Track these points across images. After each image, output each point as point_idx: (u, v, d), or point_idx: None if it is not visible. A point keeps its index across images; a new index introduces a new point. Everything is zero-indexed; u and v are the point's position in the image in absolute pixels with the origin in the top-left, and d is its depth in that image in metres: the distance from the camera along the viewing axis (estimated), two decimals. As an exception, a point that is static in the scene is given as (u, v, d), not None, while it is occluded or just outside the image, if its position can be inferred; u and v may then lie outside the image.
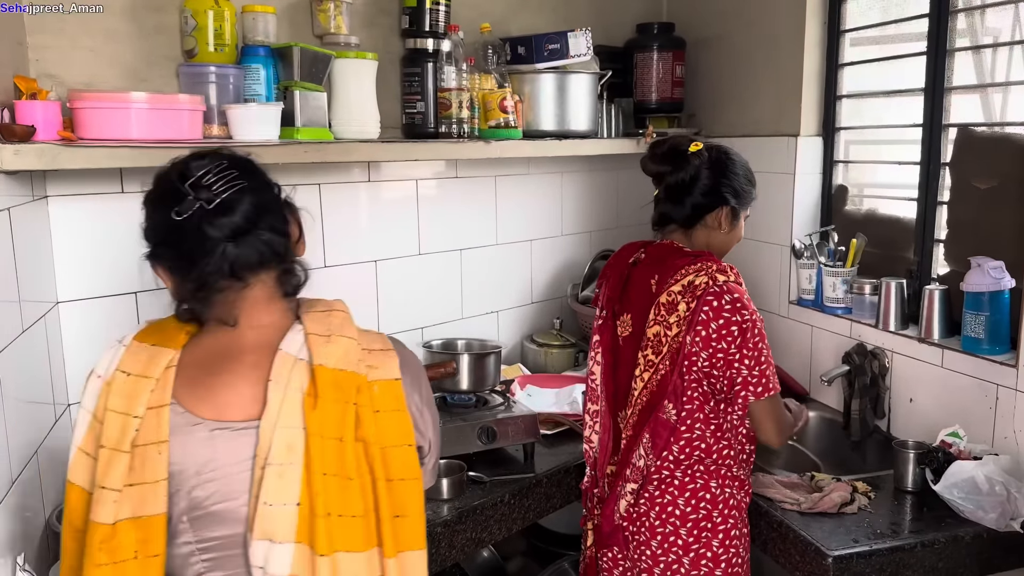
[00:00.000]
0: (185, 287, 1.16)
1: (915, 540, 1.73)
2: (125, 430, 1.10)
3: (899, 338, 2.25)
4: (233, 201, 1.14)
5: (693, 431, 1.71)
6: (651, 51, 2.92)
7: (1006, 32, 2.22)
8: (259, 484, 1.10)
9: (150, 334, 1.19)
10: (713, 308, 1.65)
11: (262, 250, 1.16)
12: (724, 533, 1.74)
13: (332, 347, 1.15)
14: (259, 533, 1.10)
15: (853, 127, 2.62)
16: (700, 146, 1.78)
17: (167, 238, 1.15)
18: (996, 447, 1.96)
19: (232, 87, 2.00)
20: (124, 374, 1.13)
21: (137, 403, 1.11)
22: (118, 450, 1.09)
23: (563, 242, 3.02)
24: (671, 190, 1.79)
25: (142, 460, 1.09)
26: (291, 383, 1.12)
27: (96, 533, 1.08)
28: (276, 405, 1.11)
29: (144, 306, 2.03)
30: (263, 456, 1.10)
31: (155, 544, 1.10)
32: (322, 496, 1.11)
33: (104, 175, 1.93)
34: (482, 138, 2.41)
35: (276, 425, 1.11)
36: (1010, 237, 1.99)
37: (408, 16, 2.36)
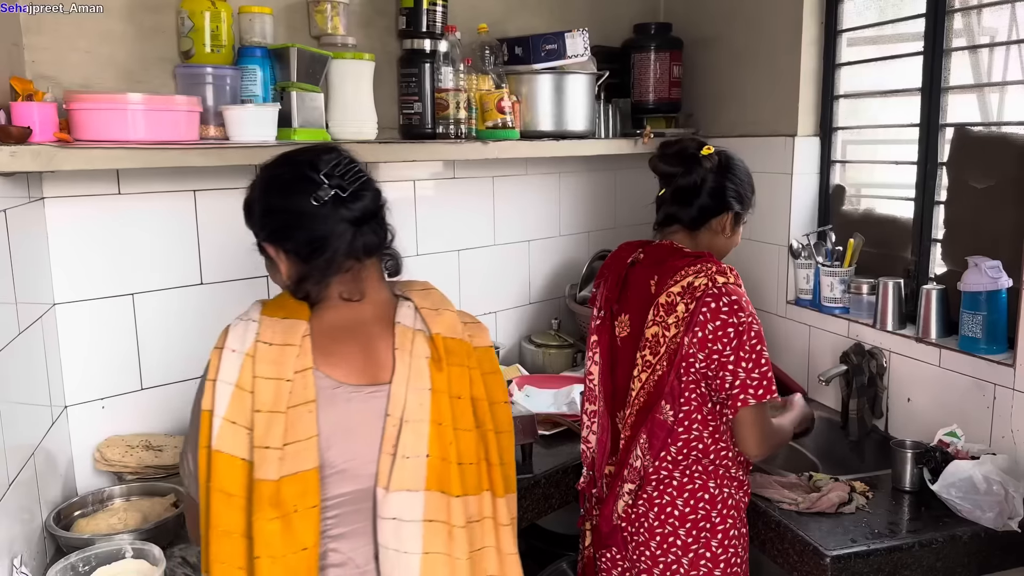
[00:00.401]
0: (309, 267, 1.26)
1: (913, 540, 1.73)
2: (279, 393, 1.19)
3: (897, 338, 2.25)
4: (361, 189, 1.28)
5: (691, 432, 1.71)
6: (648, 51, 2.93)
7: (1003, 32, 2.22)
8: (395, 440, 1.23)
9: (275, 309, 1.27)
10: (711, 309, 1.65)
11: (382, 235, 1.31)
12: (723, 533, 1.74)
13: (442, 318, 1.31)
14: (396, 484, 1.22)
15: (850, 127, 2.62)
16: (712, 150, 1.78)
17: (299, 222, 1.25)
18: (994, 446, 1.97)
19: (229, 88, 2.00)
20: (267, 344, 1.21)
21: (286, 368, 1.20)
22: (276, 412, 1.18)
23: (561, 242, 3.02)
24: (680, 192, 1.79)
25: (295, 420, 1.19)
26: (415, 350, 1.27)
27: (263, 490, 1.16)
28: (404, 369, 1.25)
29: (141, 308, 2.03)
30: (397, 415, 1.24)
31: (312, 496, 1.19)
32: (450, 446, 1.25)
33: (101, 176, 1.93)
34: (479, 139, 2.41)
35: (408, 387, 1.25)
36: (1007, 237, 1.99)
37: (405, 17, 2.35)
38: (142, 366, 2.05)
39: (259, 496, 1.16)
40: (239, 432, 1.19)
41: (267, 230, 1.30)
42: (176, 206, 2.07)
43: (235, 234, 2.15)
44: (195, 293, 2.12)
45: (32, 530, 1.65)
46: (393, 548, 1.22)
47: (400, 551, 1.22)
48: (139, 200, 2.00)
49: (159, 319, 2.07)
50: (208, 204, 2.12)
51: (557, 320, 2.96)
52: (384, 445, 1.24)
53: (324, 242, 1.24)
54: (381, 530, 1.23)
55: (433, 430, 1.24)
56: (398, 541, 1.22)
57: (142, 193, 2.01)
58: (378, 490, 1.23)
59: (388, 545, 1.22)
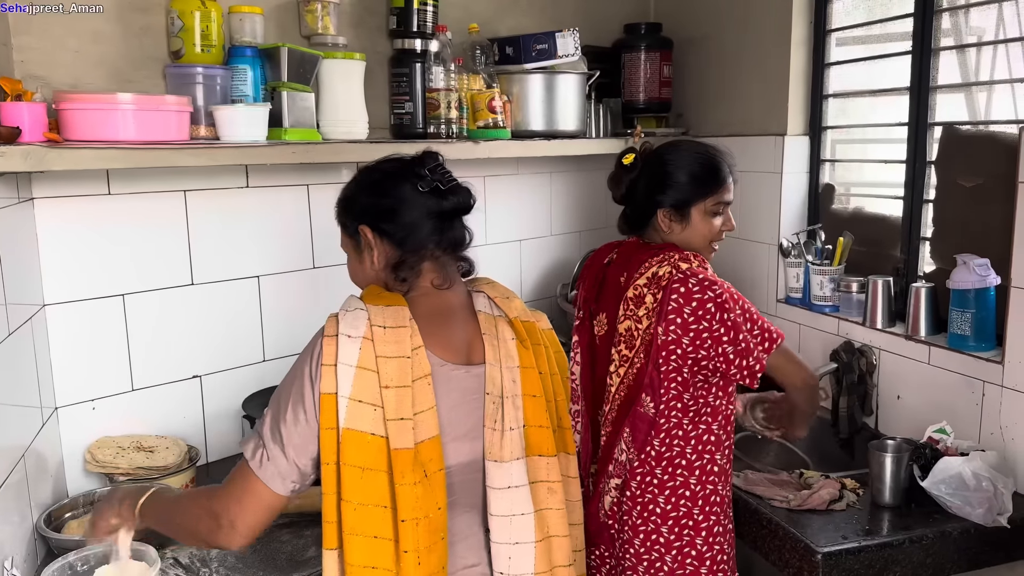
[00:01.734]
0: (404, 252, 1.39)
1: (903, 536, 1.74)
2: (403, 369, 1.29)
3: (886, 335, 2.26)
4: (457, 186, 1.43)
5: (671, 421, 1.70)
6: (639, 51, 2.93)
7: (990, 31, 2.24)
8: (497, 415, 1.36)
9: (375, 299, 1.36)
10: (682, 295, 1.65)
11: (469, 232, 1.46)
12: (707, 531, 1.74)
13: (514, 304, 1.47)
14: (508, 455, 1.35)
15: (839, 126, 2.63)
16: (632, 157, 1.81)
17: (402, 207, 1.38)
18: (983, 443, 1.98)
19: (219, 88, 1.99)
20: (382, 327, 1.30)
21: (406, 346, 1.30)
22: (404, 386, 1.28)
23: (552, 242, 3.03)
24: (620, 204, 1.86)
25: (418, 392, 1.30)
26: (500, 334, 1.40)
27: (404, 458, 1.27)
28: (494, 352, 1.38)
29: (132, 308, 2.02)
30: (496, 392, 1.37)
31: (439, 460, 1.31)
32: (544, 414, 1.41)
33: (91, 176, 1.92)
34: (471, 138, 2.41)
35: (501, 367, 1.38)
36: (995, 235, 2.00)
37: (396, 16, 2.35)
38: (133, 367, 2.05)
39: (401, 464, 1.27)
40: (367, 409, 1.27)
41: (370, 215, 1.40)
42: (166, 206, 2.07)
43: (226, 234, 2.17)
44: (186, 294, 2.12)
45: (23, 532, 1.64)
46: (508, 514, 1.35)
47: (516, 514, 1.35)
48: (129, 200, 2.00)
49: (150, 320, 2.06)
50: (199, 204, 2.11)
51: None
52: (487, 422, 1.36)
53: (421, 227, 1.38)
54: (495, 500, 1.35)
55: (527, 402, 1.39)
56: (512, 506, 1.35)
57: (132, 193, 2.00)
58: (488, 464, 1.36)
59: (502, 512, 1.35)
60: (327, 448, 1.27)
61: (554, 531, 1.41)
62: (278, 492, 1.30)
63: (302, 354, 1.34)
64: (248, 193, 2.21)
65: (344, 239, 1.48)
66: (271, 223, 2.26)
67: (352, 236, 1.45)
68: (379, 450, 1.27)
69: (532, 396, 1.40)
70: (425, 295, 1.40)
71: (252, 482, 1.30)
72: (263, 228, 2.25)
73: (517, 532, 1.36)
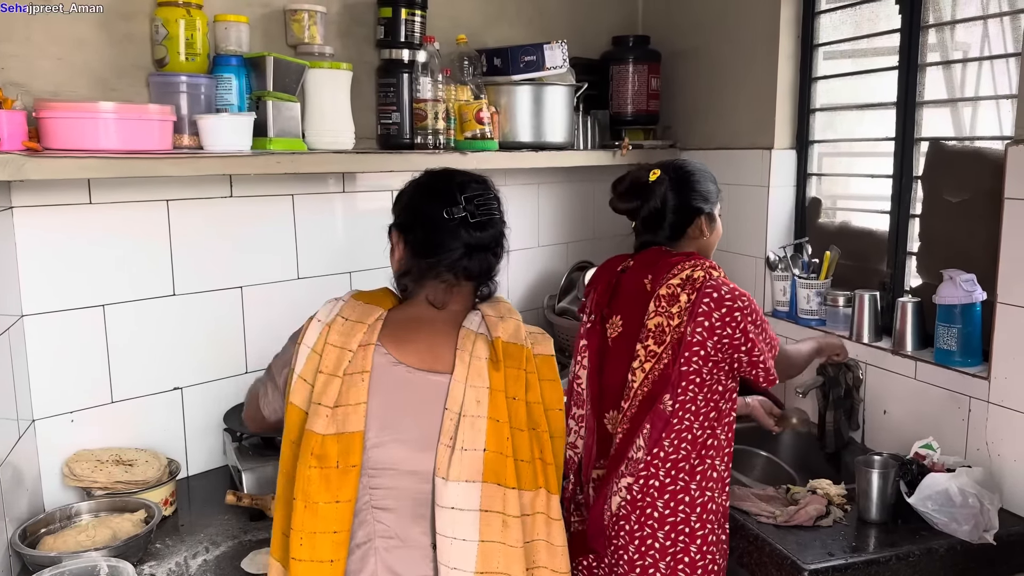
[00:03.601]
0: (415, 262, 1.43)
1: (890, 553, 1.74)
2: (340, 360, 1.34)
3: (873, 350, 2.26)
4: (487, 223, 1.43)
5: (683, 423, 1.73)
6: (627, 63, 2.93)
7: (975, 48, 2.25)
8: (453, 433, 1.34)
9: (364, 297, 1.44)
10: (714, 299, 1.72)
11: (484, 267, 1.45)
12: (702, 539, 1.74)
13: (505, 324, 1.43)
14: (455, 475, 1.32)
15: (826, 140, 2.64)
16: (659, 172, 1.86)
17: (425, 224, 1.42)
18: (969, 459, 1.98)
19: (203, 97, 1.97)
20: (343, 319, 1.39)
21: (352, 340, 1.36)
22: (334, 375, 1.34)
23: (540, 253, 3.01)
24: (647, 221, 1.88)
25: (348, 386, 1.33)
26: (475, 351, 1.38)
27: (310, 441, 1.32)
28: (463, 368, 1.36)
29: (112, 319, 1.99)
30: (455, 409, 1.35)
31: (353, 456, 1.33)
32: (507, 442, 1.36)
33: (71, 185, 1.90)
34: (458, 149, 2.40)
35: (466, 384, 1.36)
36: (981, 250, 2.01)
37: (383, 27, 2.34)
38: (113, 379, 2.01)
39: (305, 445, 1.32)
40: (305, 387, 1.36)
41: (401, 219, 1.47)
42: (149, 216, 2.04)
43: (209, 244, 2.14)
44: (167, 304, 2.09)
45: (-3, 548, 1.61)
46: (451, 536, 1.32)
47: (457, 539, 1.32)
48: (111, 210, 1.97)
49: (130, 331, 2.03)
50: (181, 214, 2.09)
51: (536, 332, 2.94)
52: (442, 437, 1.35)
53: (437, 249, 1.41)
54: (439, 518, 1.33)
55: (490, 426, 1.35)
56: (455, 529, 1.32)
57: (114, 203, 1.97)
58: (437, 480, 1.34)
59: (446, 533, 1.32)
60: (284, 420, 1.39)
61: (502, 568, 1.34)
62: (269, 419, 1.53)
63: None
64: (232, 203, 2.19)
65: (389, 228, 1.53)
66: (255, 233, 2.24)
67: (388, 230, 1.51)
68: (299, 423, 1.36)
69: (495, 420, 1.35)
70: (414, 305, 1.45)
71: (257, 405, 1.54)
72: (247, 238, 2.22)
73: (456, 557, 1.32)
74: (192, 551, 1.78)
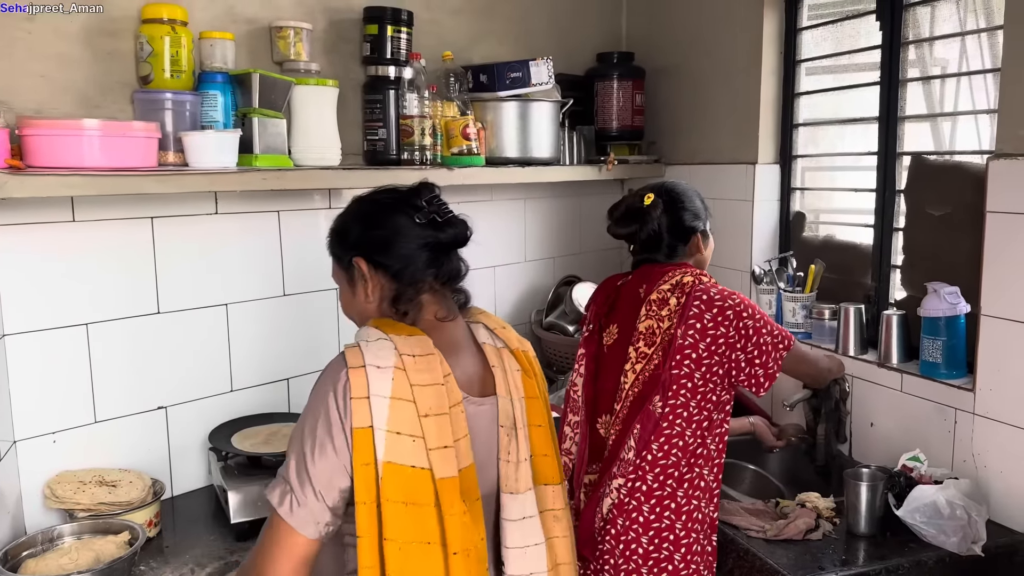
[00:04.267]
0: (401, 284, 1.35)
1: (879, 566, 1.74)
2: (439, 396, 1.26)
3: (858, 363, 2.27)
4: (455, 219, 1.39)
5: (674, 427, 1.75)
6: (611, 80, 2.95)
7: (953, 63, 2.28)
8: (509, 447, 1.36)
9: (393, 328, 1.31)
10: (703, 301, 1.77)
11: (465, 264, 1.43)
12: (686, 547, 1.76)
13: (510, 334, 1.46)
14: (523, 486, 1.36)
15: (810, 155, 2.66)
16: (652, 196, 1.92)
17: (397, 238, 1.35)
18: (956, 471, 1.99)
19: (189, 114, 1.96)
20: (412, 356, 1.26)
21: (438, 373, 1.27)
22: (443, 413, 1.25)
23: (526, 268, 3.01)
24: (646, 244, 1.93)
25: (455, 419, 1.27)
26: (507, 365, 1.40)
27: (449, 488, 1.23)
28: (504, 384, 1.38)
29: (96, 338, 1.97)
30: (509, 424, 1.36)
31: (476, 489, 1.29)
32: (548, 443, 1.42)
33: (55, 204, 1.88)
34: (445, 165, 2.40)
35: (511, 398, 1.38)
36: (964, 263, 2.03)
37: (369, 44, 2.35)
38: (96, 398, 1.99)
39: (448, 494, 1.23)
40: (407, 441, 1.22)
41: (364, 246, 1.37)
42: (133, 234, 2.02)
43: (194, 262, 2.13)
44: (152, 322, 2.07)
45: (-23, 573, 1.57)
46: (523, 545, 1.35)
47: (530, 545, 1.35)
48: (94, 228, 1.95)
49: (114, 349, 2.01)
50: (166, 232, 2.07)
51: (523, 347, 2.94)
52: (501, 453, 1.36)
53: (418, 259, 1.35)
54: (510, 533, 1.35)
55: (533, 432, 1.40)
56: (525, 537, 1.35)
57: (98, 220, 1.95)
58: (504, 496, 1.35)
59: (518, 544, 1.35)
60: (364, 486, 1.20)
61: (561, 559, 1.41)
62: (311, 538, 1.22)
63: (321, 387, 1.26)
64: (217, 220, 2.17)
65: (336, 270, 1.44)
66: (240, 250, 2.23)
67: (345, 268, 1.40)
68: (423, 482, 1.22)
69: (537, 426, 1.41)
70: (433, 328, 1.35)
71: (284, 531, 1.22)
72: (232, 256, 2.21)
73: (531, 563, 1.36)
74: (177, 573, 1.76)
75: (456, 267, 1.40)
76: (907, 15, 2.23)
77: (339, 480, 1.22)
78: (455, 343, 1.37)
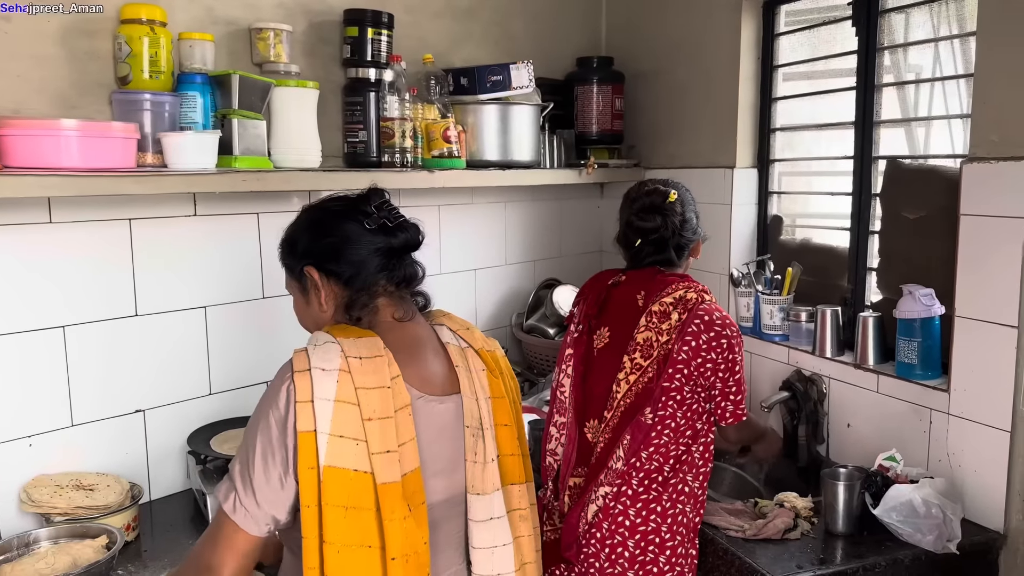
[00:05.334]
0: (354, 291, 1.35)
1: (856, 564, 1.76)
2: (384, 399, 1.24)
3: (835, 364, 2.30)
4: (406, 223, 1.40)
5: (662, 437, 1.77)
6: (591, 84, 2.97)
7: (927, 69, 2.32)
8: (476, 447, 1.35)
9: (343, 332, 1.30)
10: (704, 322, 1.79)
11: (421, 268, 1.43)
12: (671, 550, 1.78)
13: (475, 335, 1.47)
14: (490, 487, 1.36)
15: (787, 159, 2.69)
16: (676, 195, 1.93)
17: (348, 245, 1.34)
18: (931, 470, 2.01)
19: (168, 115, 1.95)
20: (359, 359, 1.25)
21: (385, 376, 1.26)
22: (387, 417, 1.24)
23: (507, 271, 3.02)
24: (658, 243, 1.92)
25: (400, 422, 1.26)
26: (472, 365, 1.40)
27: (391, 493, 1.22)
28: (469, 384, 1.37)
29: (73, 340, 1.95)
30: (475, 424, 1.36)
31: (420, 493, 1.27)
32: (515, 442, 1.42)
33: (31, 204, 1.86)
34: (425, 168, 2.40)
35: (476, 399, 1.37)
36: (939, 265, 2.06)
37: (349, 46, 2.35)
38: (73, 401, 1.97)
39: (390, 500, 1.22)
40: (349, 444, 1.22)
41: (315, 254, 1.36)
42: (111, 235, 2.01)
43: (172, 264, 2.11)
44: (129, 325, 2.05)
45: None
46: (490, 546, 1.36)
47: (498, 546, 1.37)
48: (72, 229, 1.93)
49: (91, 352, 1.99)
50: (144, 233, 2.06)
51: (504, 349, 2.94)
52: (467, 454, 1.36)
53: (369, 265, 1.34)
54: (477, 533, 1.36)
55: (500, 432, 1.40)
56: (494, 537, 1.36)
57: (75, 222, 1.93)
58: (471, 497, 1.36)
59: (485, 544, 1.36)
60: (307, 490, 1.20)
61: (527, 558, 1.43)
62: (253, 534, 1.23)
63: (269, 392, 1.26)
64: (196, 222, 2.16)
65: (289, 281, 1.44)
66: (219, 253, 2.21)
67: (297, 278, 1.40)
68: (364, 487, 1.22)
69: (504, 425, 1.41)
70: (390, 329, 1.35)
71: (229, 527, 1.23)
72: (211, 258, 2.20)
73: (499, 563, 1.37)
74: (156, 577, 1.74)
75: (411, 271, 1.40)
76: (882, 21, 2.26)
77: (281, 492, 1.23)
78: (417, 343, 1.37)
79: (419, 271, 1.43)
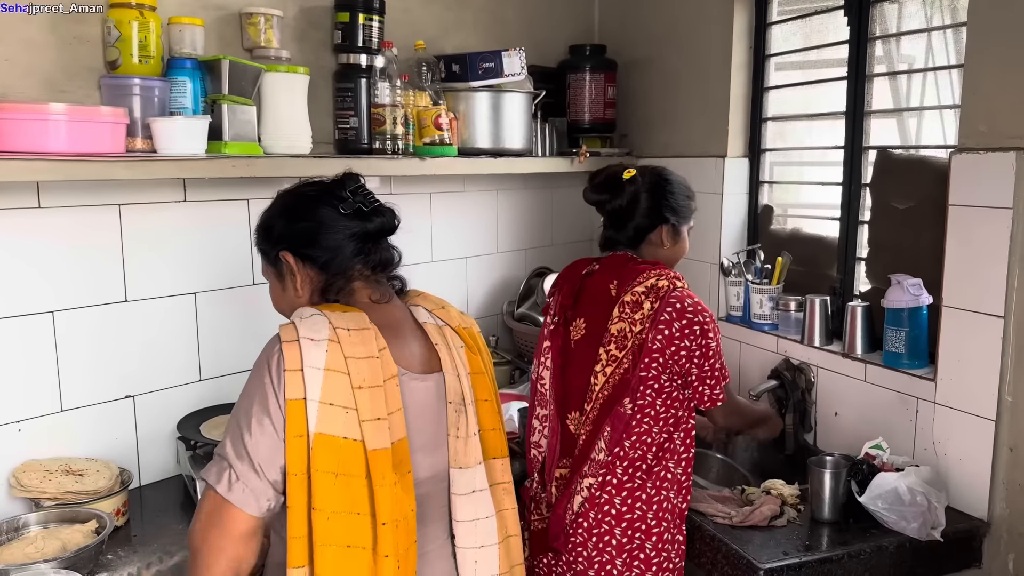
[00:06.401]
0: (330, 275, 1.36)
1: (842, 551, 1.77)
2: (374, 368, 1.26)
3: (824, 353, 2.31)
4: (381, 208, 1.41)
5: (642, 425, 1.78)
6: (583, 72, 2.96)
7: (919, 59, 2.32)
8: (459, 422, 1.37)
9: (328, 308, 1.32)
10: (676, 310, 1.78)
11: (397, 252, 1.44)
12: (658, 536, 1.79)
13: (451, 313, 1.48)
14: (472, 461, 1.39)
15: (778, 148, 2.69)
16: (634, 172, 1.91)
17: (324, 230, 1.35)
18: (917, 458, 2.03)
19: (157, 100, 1.94)
20: (347, 330, 1.27)
21: (373, 347, 1.27)
22: (376, 386, 1.25)
23: (499, 259, 3.02)
24: (612, 216, 1.93)
25: (388, 392, 1.27)
26: (451, 343, 1.42)
27: (381, 459, 1.24)
28: (449, 361, 1.39)
29: (62, 326, 1.94)
30: (457, 400, 1.38)
31: (407, 463, 1.29)
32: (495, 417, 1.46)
33: (19, 189, 1.85)
34: (417, 155, 2.40)
35: (457, 376, 1.39)
36: (927, 255, 2.07)
37: (341, 31, 2.33)
38: (62, 386, 1.97)
39: (380, 466, 1.24)
40: (339, 412, 1.22)
41: (290, 240, 1.37)
42: (100, 220, 2.00)
43: (162, 250, 2.11)
44: (119, 310, 2.05)
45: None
46: (473, 518, 1.38)
47: (480, 518, 1.39)
48: (60, 214, 1.93)
49: (81, 338, 1.98)
50: (134, 218, 2.05)
51: (495, 337, 2.95)
52: (450, 429, 1.38)
53: (344, 249, 1.35)
54: (460, 506, 1.38)
55: (480, 407, 1.42)
56: (476, 510, 1.39)
57: (64, 207, 1.93)
58: (453, 471, 1.38)
59: (467, 517, 1.38)
60: (295, 457, 1.21)
61: (511, 531, 1.46)
62: (252, 514, 1.22)
63: (257, 365, 1.28)
64: (186, 207, 2.15)
65: (265, 266, 1.45)
66: (209, 238, 2.21)
67: (273, 263, 1.42)
68: (354, 454, 1.23)
69: (484, 400, 1.44)
70: (368, 309, 1.36)
71: (224, 510, 1.21)
72: (201, 244, 2.19)
73: (482, 536, 1.39)
74: (145, 562, 1.74)
75: (387, 256, 1.41)
76: (874, 11, 2.26)
77: (278, 455, 1.23)
78: (395, 323, 1.38)
79: (395, 255, 1.44)
